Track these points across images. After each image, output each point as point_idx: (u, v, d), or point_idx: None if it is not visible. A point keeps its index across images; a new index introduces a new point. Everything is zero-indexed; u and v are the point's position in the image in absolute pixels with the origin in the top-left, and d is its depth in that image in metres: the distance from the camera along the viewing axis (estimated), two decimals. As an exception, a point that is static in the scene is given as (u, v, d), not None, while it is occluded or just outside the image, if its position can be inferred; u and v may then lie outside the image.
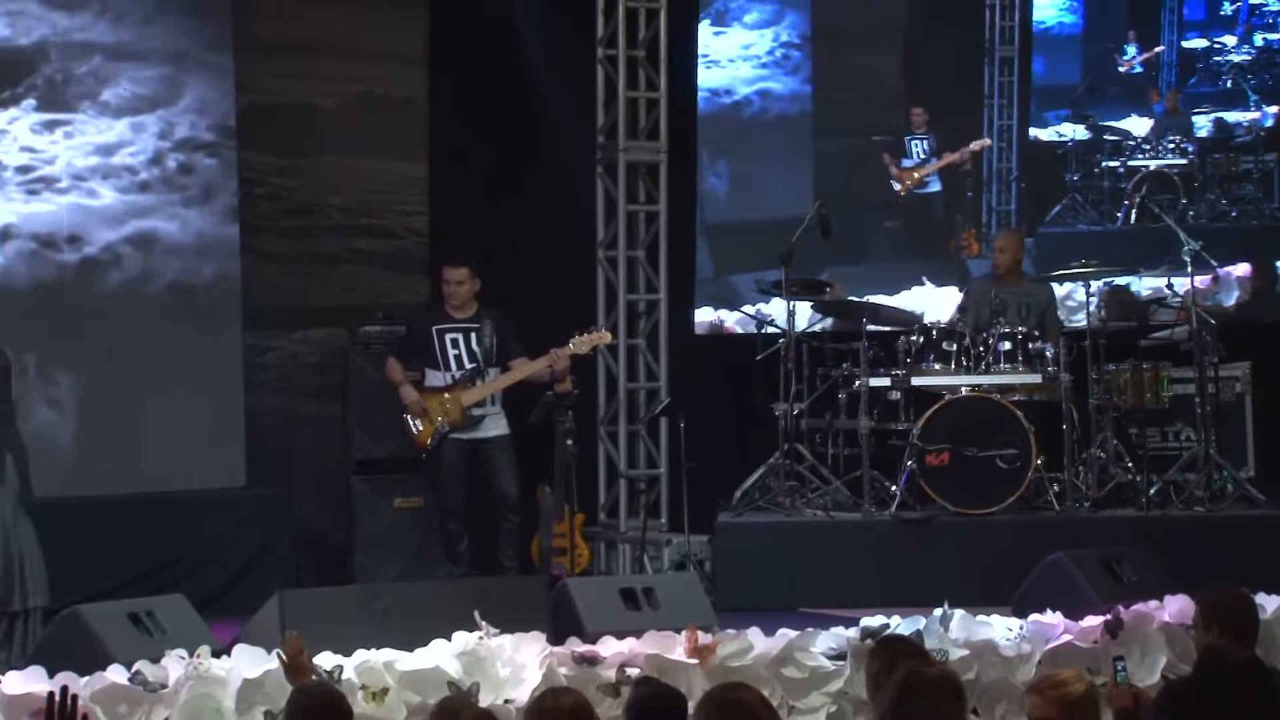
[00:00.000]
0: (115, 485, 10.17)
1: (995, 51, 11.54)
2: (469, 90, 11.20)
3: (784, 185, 11.30)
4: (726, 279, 11.35)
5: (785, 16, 11.39)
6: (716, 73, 11.40)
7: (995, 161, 11.62)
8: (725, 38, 11.38)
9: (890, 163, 11.59)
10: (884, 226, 11.57)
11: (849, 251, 11.28)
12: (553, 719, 4.98)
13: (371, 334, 10.80)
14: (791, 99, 11.41)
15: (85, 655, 7.12)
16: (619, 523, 11.14)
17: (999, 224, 11.62)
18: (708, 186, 11.36)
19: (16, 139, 10.12)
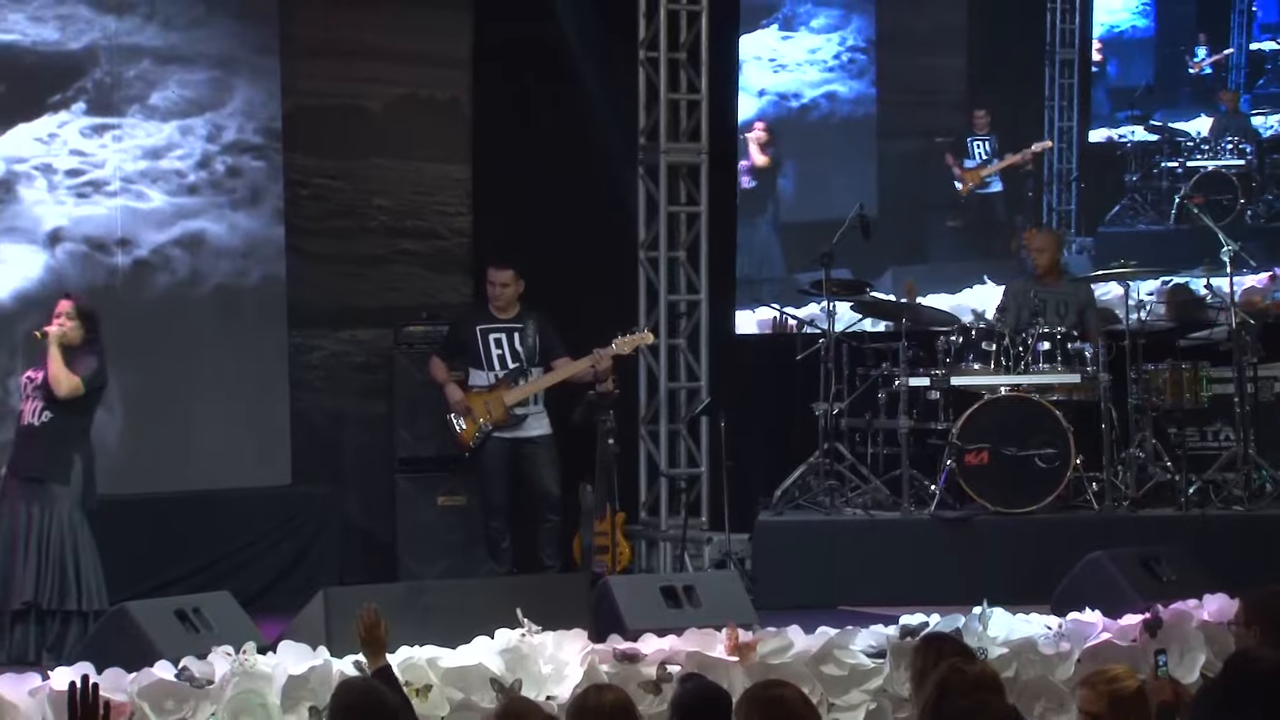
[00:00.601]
0: (163, 483, 10.20)
1: (1056, 54, 11.63)
2: (512, 92, 11.19)
3: (849, 186, 11.37)
4: (795, 277, 11.41)
5: (851, 21, 11.50)
6: (784, 76, 11.48)
7: (1056, 162, 11.70)
8: (792, 42, 11.47)
9: (953, 163, 11.63)
10: (946, 226, 11.65)
11: (912, 251, 11.36)
12: (595, 716, 4.96)
13: (415, 334, 10.81)
14: (857, 101, 11.52)
15: (133, 652, 7.14)
16: (660, 521, 11.13)
17: (1059, 224, 11.67)
18: (777, 187, 11.38)
19: (66, 142, 10.15)
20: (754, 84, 11.47)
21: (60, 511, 8.38)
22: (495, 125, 11.28)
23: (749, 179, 11.51)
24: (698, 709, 5.06)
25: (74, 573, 8.33)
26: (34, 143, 10.09)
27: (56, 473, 8.41)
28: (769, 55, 11.38)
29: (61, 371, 8.39)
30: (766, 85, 11.42)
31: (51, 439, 8.45)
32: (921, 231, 11.51)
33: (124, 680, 6.77)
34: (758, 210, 11.55)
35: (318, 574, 9.96)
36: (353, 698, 5.35)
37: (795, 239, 10.98)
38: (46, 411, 8.45)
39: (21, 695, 6.65)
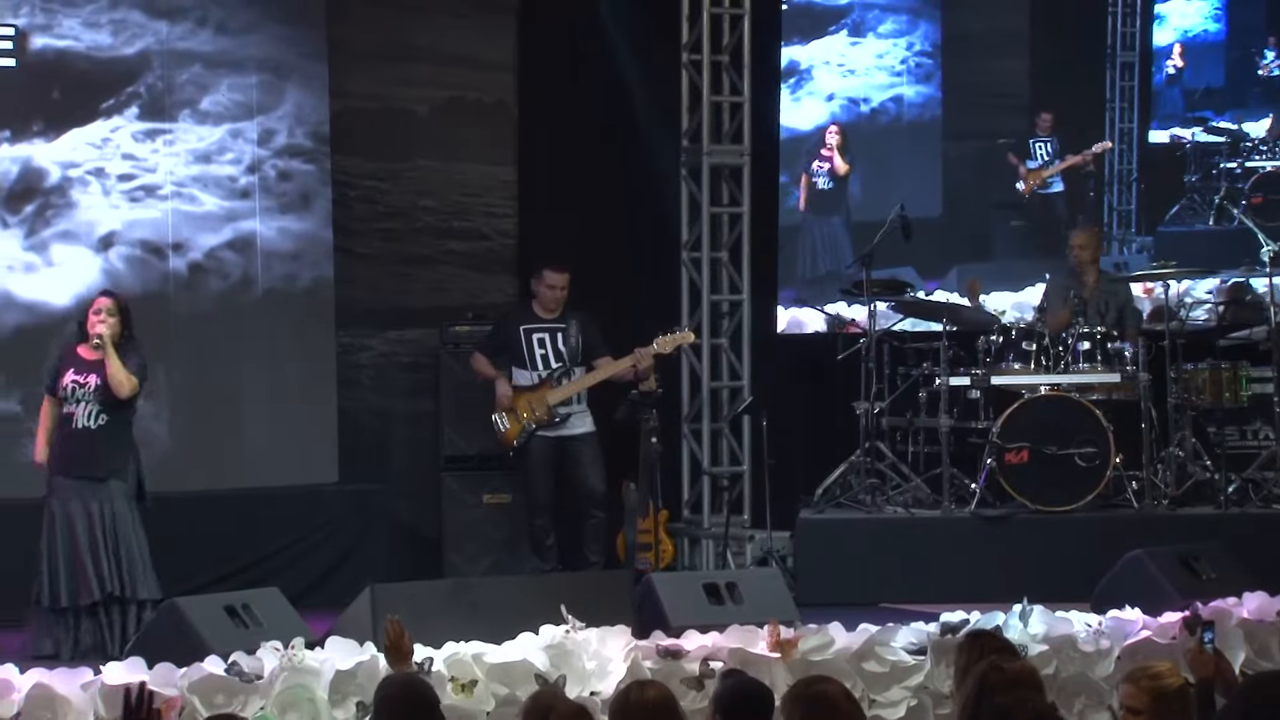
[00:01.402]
0: (214, 481, 10.23)
1: (1117, 57, 11.73)
2: (556, 95, 11.19)
3: (914, 186, 11.46)
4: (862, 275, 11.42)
5: (918, 26, 11.57)
6: (853, 81, 11.54)
7: (1116, 163, 11.78)
8: (861, 48, 11.55)
9: (1016, 164, 11.70)
10: (1010, 225, 11.73)
11: (976, 249, 11.46)
12: (638, 711, 4.95)
13: (461, 334, 10.81)
14: (923, 105, 11.61)
15: (183, 647, 7.15)
16: (702, 519, 11.12)
17: (1120, 224, 11.69)
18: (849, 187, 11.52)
19: (119, 147, 10.18)
20: (824, 88, 11.56)
21: (120, 507, 8.42)
22: (540, 128, 11.27)
23: (827, 180, 11.53)
24: (740, 705, 5.04)
25: (140, 563, 8.38)
26: (87, 147, 10.12)
27: (116, 470, 8.44)
28: (838, 60, 11.49)
29: (122, 373, 8.40)
30: (836, 90, 11.52)
31: (108, 440, 8.46)
32: (986, 231, 11.63)
33: (174, 675, 6.78)
34: (834, 209, 11.62)
35: (365, 571, 9.95)
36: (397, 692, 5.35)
37: (864, 238, 11.01)
38: (102, 415, 8.45)
39: (73, 689, 6.67)
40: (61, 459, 8.51)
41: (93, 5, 10.10)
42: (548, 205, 11.25)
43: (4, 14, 9.93)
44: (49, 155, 10.04)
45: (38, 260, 10.03)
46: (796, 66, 11.44)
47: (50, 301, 10.04)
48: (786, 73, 11.38)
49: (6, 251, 9.97)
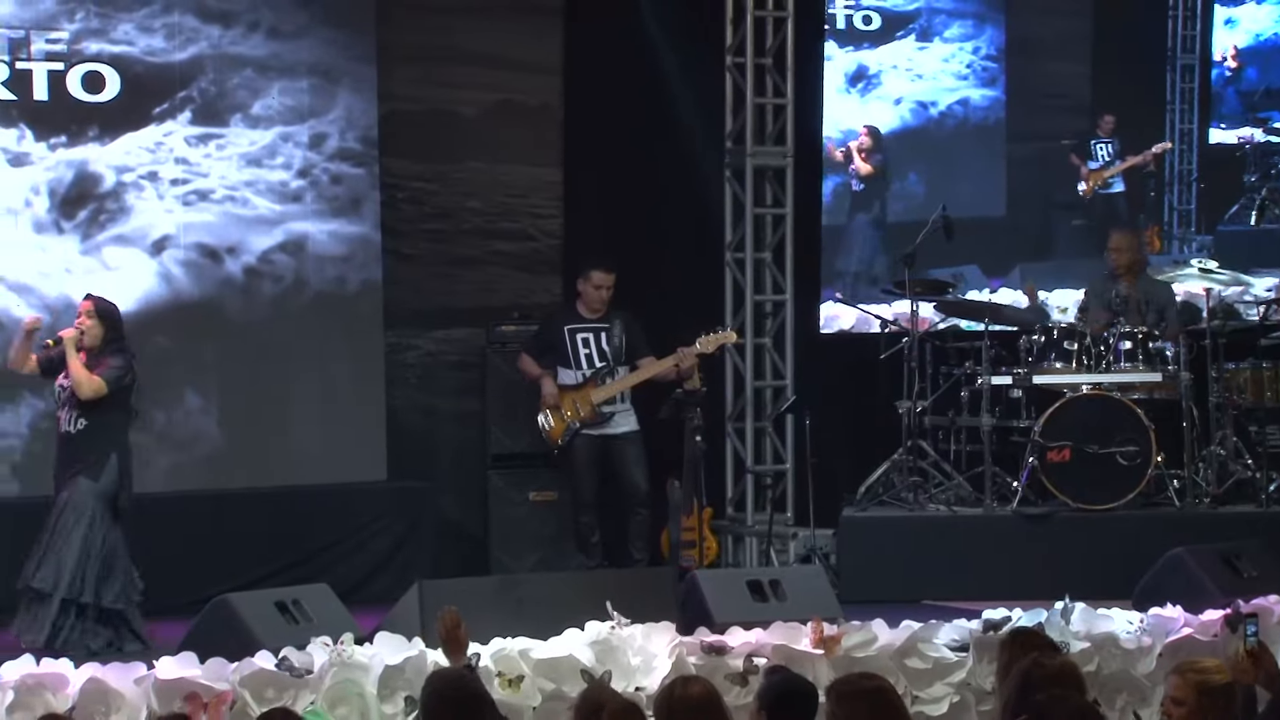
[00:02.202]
0: (265, 479, 10.26)
1: (1178, 59, 11.81)
2: (602, 97, 11.19)
3: (979, 187, 11.62)
4: (926, 272, 11.42)
5: (984, 31, 11.67)
6: (921, 85, 11.61)
7: (1176, 163, 11.86)
8: (927, 52, 11.62)
9: (1078, 164, 11.75)
10: (1071, 225, 11.79)
11: (1039, 249, 11.57)
12: (683, 706, 4.94)
13: (508, 333, 10.82)
14: (988, 107, 11.71)
15: (234, 642, 7.17)
16: (746, 516, 11.11)
17: (1180, 223, 11.77)
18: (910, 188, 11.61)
19: (173, 150, 10.21)
20: (892, 92, 11.64)
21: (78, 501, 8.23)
22: (585, 130, 11.27)
23: (858, 183, 11.57)
24: (783, 700, 5.03)
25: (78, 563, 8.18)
26: (141, 151, 10.15)
27: (89, 470, 8.28)
28: (905, 64, 11.57)
29: (82, 373, 8.23)
30: (904, 93, 11.61)
31: (88, 444, 8.30)
32: (1048, 230, 11.73)
33: (226, 670, 6.80)
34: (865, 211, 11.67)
35: (413, 567, 9.98)
36: (445, 686, 5.36)
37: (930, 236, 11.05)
38: (81, 419, 8.28)
39: (127, 684, 6.70)
40: (55, 464, 8.42)
41: (146, 9, 10.13)
42: (592, 206, 11.24)
43: (59, 19, 9.97)
44: (103, 159, 10.07)
45: (95, 264, 10.06)
46: (865, 71, 11.57)
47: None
48: (855, 77, 11.51)
49: (64, 256, 10.00)
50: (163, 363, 10.09)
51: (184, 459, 10.16)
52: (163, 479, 10.09)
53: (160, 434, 10.11)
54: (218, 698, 6.68)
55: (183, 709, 6.53)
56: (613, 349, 10.20)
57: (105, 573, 8.24)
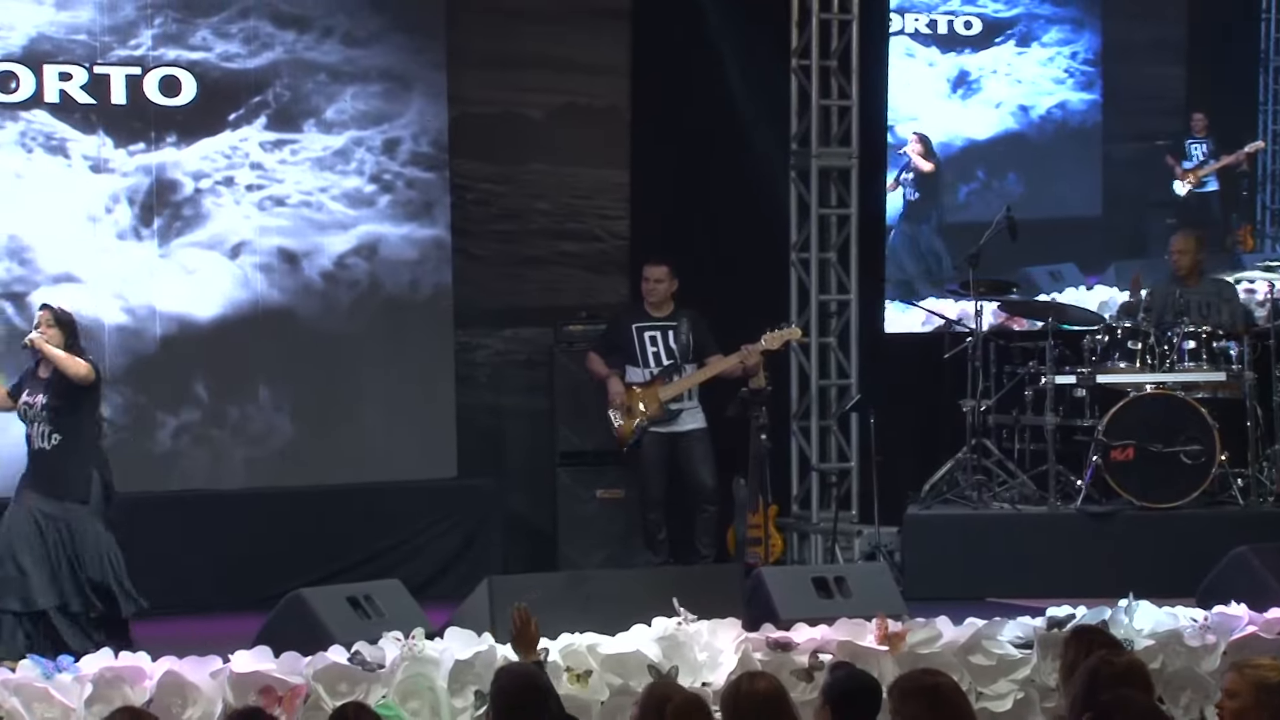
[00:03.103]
0: (337, 476, 10.29)
1: (1270, 61, 11.79)
2: (668, 99, 11.18)
3: (1076, 187, 11.71)
4: (1024, 270, 11.54)
5: (1081, 35, 11.73)
6: (1020, 89, 11.67)
7: (1270, 163, 11.83)
8: (1026, 56, 11.68)
9: (1173, 164, 11.75)
10: (1166, 224, 11.73)
11: (1134, 247, 11.57)
12: (749, 702, 4.93)
13: (575, 332, 10.83)
14: (1085, 110, 11.76)
15: (307, 636, 7.19)
16: (811, 514, 11.08)
17: (1273, 221, 11.79)
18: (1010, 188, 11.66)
19: (248, 155, 10.26)
20: (993, 96, 11.67)
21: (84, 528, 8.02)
22: (652, 131, 11.27)
23: (913, 190, 11.56)
24: (848, 696, 5.01)
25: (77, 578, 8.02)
26: (217, 156, 10.20)
27: (76, 492, 8.03)
28: (1005, 69, 11.65)
29: (67, 358, 7.98)
30: (1004, 98, 11.66)
31: (66, 460, 8.04)
32: (1143, 229, 11.75)
33: (299, 664, 6.83)
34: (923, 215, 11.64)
35: (482, 563, 9.99)
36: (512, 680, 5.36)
37: (1028, 235, 11.11)
38: (55, 435, 8.02)
39: (203, 677, 6.73)
40: (27, 481, 8.11)
41: (222, 15, 10.18)
42: (659, 207, 11.24)
43: (138, 25, 10.03)
44: (180, 165, 10.12)
45: (174, 269, 10.11)
46: (966, 75, 11.60)
47: (193, 313, 10.13)
48: (957, 81, 11.55)
49: (143, 261, 10.04)
50: (238, 363, 10.16)
51: (258, 457, 10.21)
52: (237, 476, 10.16)
53: (235, 430, 10.17)
54: (292, 691, 6.71)
55: (257, 702, 6.56)
56: (680, 347, 10.18)
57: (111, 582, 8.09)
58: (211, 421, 10.13)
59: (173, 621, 8.89)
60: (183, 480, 10.07)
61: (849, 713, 4.96)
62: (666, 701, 4.93)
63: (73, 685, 6.60)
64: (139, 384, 10.02)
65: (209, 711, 6.64)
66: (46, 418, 8.04)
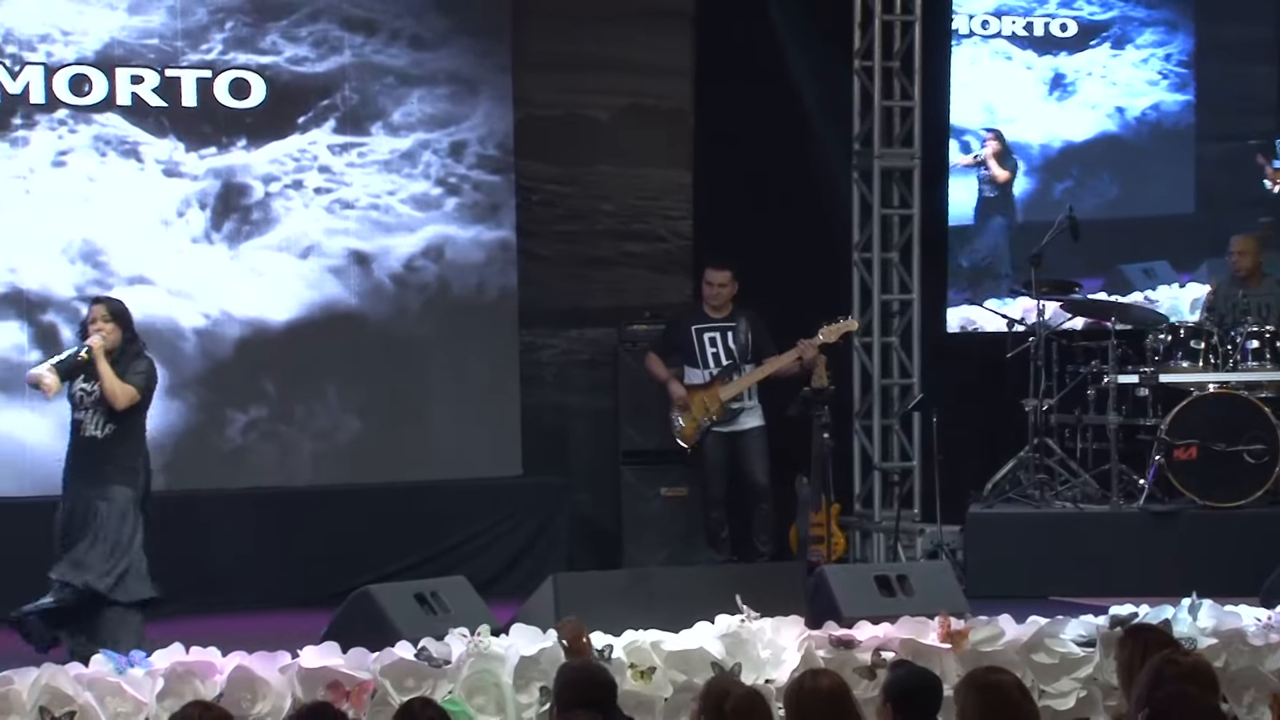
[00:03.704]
0: (405, 474, 10.33)
1: None
2: (731, 101, 11.16)
3: (1168, 186, 11.78)
4: (1118, 268, 11.59)
5: (1175, 37, 11.80)
6: (1115, 90, 11.72)
7: None
8: (1120, 58, 11.74)
9: (1264, 163, 11.72)
10: (1258, 222, 11.72)
11: (1225, 245, 11.34)
12: (812, 699, 4.91)
13: (639, 332, 10.83)
14: (1179, 111, 11.82)
15: (375, 632, 7.20)
16: (873, 513, 11.04)
17: None
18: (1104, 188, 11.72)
19: (316, 158, 10.29)
20: (1089, 98, 11.70)
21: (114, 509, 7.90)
22: (715, 133, 11.25)
23: (991, 188, 11.57)
24: (910, 694, 4.99)
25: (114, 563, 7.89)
26: (286, 159, 10.24)
27: (124, 479, 7.93)
28: (1101, 71, 11.69)
29: (116, 385, 7.83)
30: (1100, 99, 11.71)
31: (117, 449, 7.93)
32: (1235, 227, 11.60)
33: (367, 659, 6.84)
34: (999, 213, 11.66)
35: (547, 561, 10.00)
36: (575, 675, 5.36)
37: (1123, 234, 11.26)
38: (110, 425, 7.89)
39: (272, 672, 6.76)
40: (73, 468, 7.99)
41: (292, 18, 10.22)
42: (722, 207, 11.22)
43: (210, 29, 10.09)
44: (251, 168, 10.17)
45: (245, 272, 10.16)
46: (1063, 78, 11.63)
47: (263, 314, 10.18)
48: (1054, 84, 11.60)
49: (215, 264, 10.09)
50: (308, 363, 10.21)
51: (327, 454, 10.26)
52: (306, 473, 10.20)
53: (304, 428, 10.22)
54: (359, 686, 6.72)
55: (325, 697, 6.58)
56: (738, 347, 10.17)
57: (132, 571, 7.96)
58: (281, 419, 10.18)
59: (242, 617, 8.93)
60: (253, 477, 10.13)
61: (910, 711, 4.93)
62: (726, 696, 4.92)
63: (145, 680, 6.63)
64: (211, 384, 10.07)
65: (278, 706, 6.66)
66: (104, 409, 7.92)
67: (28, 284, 9.77)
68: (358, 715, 6.62)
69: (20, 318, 9.75)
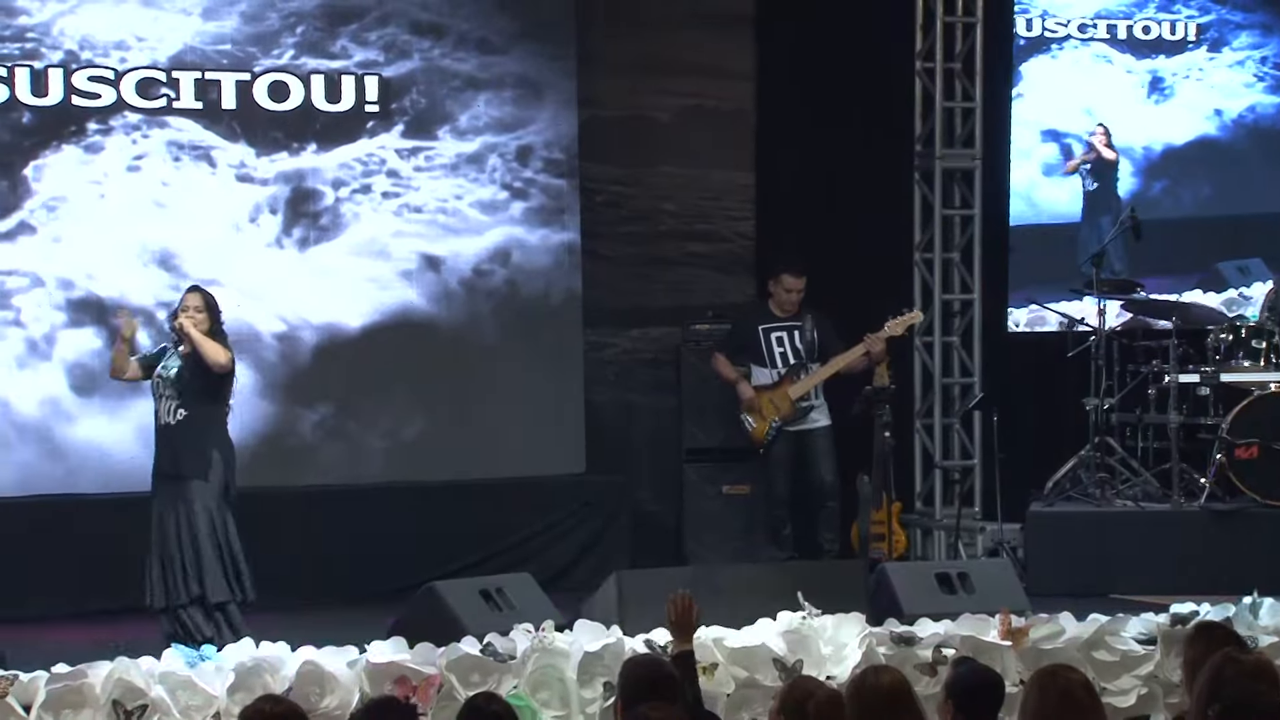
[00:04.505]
0: (470, 472, 10.34)
1: None
2: (792, 102, 11.12)
3: (1264, 185, 11.75)
4: (1214, 265, 11.53)
5: (1271, 39, 11.78)
6: (1212, 93, 11.70)
7: None
8: (1217, 61, 11.72)
9: None
10: None
11: None
12: (874, 695, 4.87)
13: (701, 332, 10.80)
14: (1275, 112, 11.79)
15: (441, 628, 7.22)
16: (934, 511, 10.98)
17: None
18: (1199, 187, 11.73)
19: (384, 162, 10.31)
20: (1186, 100, 11.68)
21: (199, 509, 7.92)
22: (777, 134, 11.21)
23: (1091, 180, 11.54)
24: (971, 691, 4.95)
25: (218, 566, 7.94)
26: (355, 164, 10.25)
27: (195, 468, 7.93)
28: (1197, 74, 11.68)
29: (212, 347, 7.90)
30: (1197, 101, 11.69)
31: (189, 435, 7.94)
32: None
33: (434, 654, 6.85)
34: (1103, 210, 11.60)
35: (610, 557, 9.99)
36: (638, 671, 5.34)
37: (1220, 232, 11.26)
38: (181, 410, 7.94)
39: (340, 667, 6.78)
40: (156, 458, 8.06)
41: (361, 22, 10.24)
42: (784, 207, 11.18)
43: (281, 34, 10.12)
44: (320, 173, 10.19)
45: (315, 276, 10.17)
46: (1161, 81, 11.62)
47: (333, 317, 10.20)
48: (1152, 86, 11.60)
49: (286, 267, 10.11)
50: (375, 364, 10.22)
51: (393, 454, 10.27)
52: (374, 471, 10.22)
53: (372, 427, 10.24)
54: (426, 681, 6.73)
55: (393, 692, 6.60)
56: (805, 346, 10.13)
57: (217, 568, 7.98)
58: (349, 418, 10.20)
59: (310, 612, 8.96)
60: (320, 475, 10.16)
61: (972, 708, 4.89)
62: (809, 698, 4.87)
63: (215, 674, 6.67)
64: (282, 384, 10.11)
65: (346, 700, 6.68)
66: (175, 394, 7.99)
67: (104, 290, 9.82)
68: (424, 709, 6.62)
69: (96, 323, 9.79)
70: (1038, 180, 11.57)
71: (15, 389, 9.69)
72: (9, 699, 6.42)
